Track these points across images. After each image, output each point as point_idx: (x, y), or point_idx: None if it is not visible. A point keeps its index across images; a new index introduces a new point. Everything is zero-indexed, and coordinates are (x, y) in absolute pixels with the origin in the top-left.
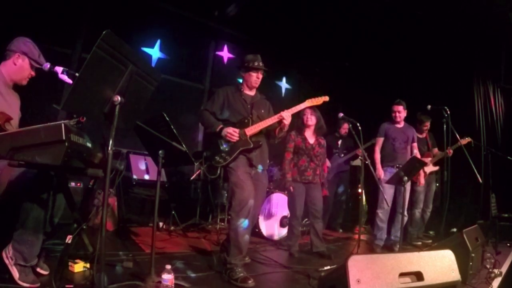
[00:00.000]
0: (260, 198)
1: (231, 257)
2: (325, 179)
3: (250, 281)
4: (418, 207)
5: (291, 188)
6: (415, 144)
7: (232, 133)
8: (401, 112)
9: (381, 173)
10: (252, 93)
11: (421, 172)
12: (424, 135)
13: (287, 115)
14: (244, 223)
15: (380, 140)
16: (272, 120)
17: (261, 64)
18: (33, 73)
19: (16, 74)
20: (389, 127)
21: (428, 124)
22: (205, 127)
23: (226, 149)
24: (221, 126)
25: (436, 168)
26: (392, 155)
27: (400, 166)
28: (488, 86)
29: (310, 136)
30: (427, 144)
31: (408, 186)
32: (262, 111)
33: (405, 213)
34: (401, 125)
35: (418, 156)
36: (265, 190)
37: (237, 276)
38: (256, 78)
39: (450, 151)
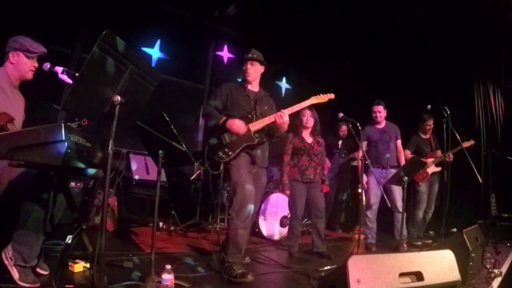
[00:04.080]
0: (258, 196)
1: (229, 256)
2: (325, 176)
3: (249, 276)
4: (421, 207)
5: (287, 191)
6: (399, 141)
7: (240, 124)
8: (381, 112)
9: (365, 183)
10: (256, 89)
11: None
12: (428, 135)
13: (279, 117)
14: (251, 207)
15: (363, 144)
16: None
17: (249, 55)
18: (35, 64)
19: (17, 70)
20: (370, 130)
21: (430, 122)
22: (208, 120)
23: (229, 144)
24: (225, 118)
25: (439, 168)
26: (377, 157)
27: (385, 165)
28: (488, 86)
29: (307, 136)
30: (430, 145)
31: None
32: (265, 107)
33: (400, 210)
34: (382, 125)
35: (402, 152)
36: (263, 188)
37: (236, 272)
38: (245, 69)
39: (450, 156)
